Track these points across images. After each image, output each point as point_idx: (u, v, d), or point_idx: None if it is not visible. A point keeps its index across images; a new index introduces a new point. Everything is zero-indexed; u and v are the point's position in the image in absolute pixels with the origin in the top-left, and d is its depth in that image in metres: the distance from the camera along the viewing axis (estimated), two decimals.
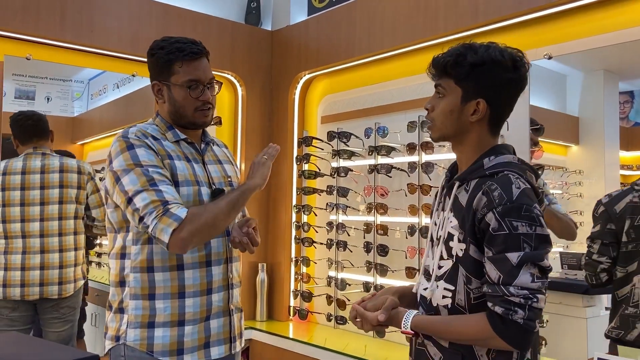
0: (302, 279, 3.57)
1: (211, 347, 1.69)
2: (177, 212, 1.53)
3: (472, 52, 1.34)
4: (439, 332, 1.35)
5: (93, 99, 3.83)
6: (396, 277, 3.04)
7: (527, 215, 1.24)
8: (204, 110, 1.72)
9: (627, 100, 2.69)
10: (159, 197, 1.55)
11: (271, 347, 3.33)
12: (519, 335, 1.24)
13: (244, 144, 3.73)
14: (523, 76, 1.36)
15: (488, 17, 2.60)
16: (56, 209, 2.76)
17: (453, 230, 1.36)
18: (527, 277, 1.23)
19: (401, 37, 3.00)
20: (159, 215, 1.52)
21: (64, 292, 2.75)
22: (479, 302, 1.31)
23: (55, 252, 2.75)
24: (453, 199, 1.39)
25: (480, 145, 1.39)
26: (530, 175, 1.37)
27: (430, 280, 1.41)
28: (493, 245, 1.26)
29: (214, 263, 1.70)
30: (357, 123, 3.34)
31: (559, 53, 2.47)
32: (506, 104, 1.38)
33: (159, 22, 3.33)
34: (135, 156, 1.59)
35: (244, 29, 3.75)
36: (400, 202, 3.04)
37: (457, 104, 1.37)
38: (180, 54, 1.68)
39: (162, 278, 1.63)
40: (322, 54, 3.47)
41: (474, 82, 1.34)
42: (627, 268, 2.11)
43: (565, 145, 2.82)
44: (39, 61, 3.12)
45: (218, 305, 1.71)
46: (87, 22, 3.08)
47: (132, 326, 1.62)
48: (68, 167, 2.83)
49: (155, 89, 1.73)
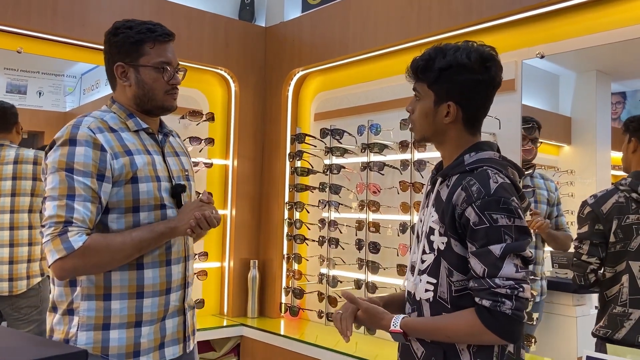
0: (294, 276, 3.57)
1: (166, 347, 1.64)
2: (72, 239, 1.45)
3: (440, 56, 1.38)
4: (429, 332, 1.36)
5: (85, 94, 3.80)
6: (388, 275, 3.04)
7: (505, 208, 1.27)
8: (172, 94, 1.68)
9: (619, 101, 2.70)
10: (66, 214, 1.46)
11: (262, 343, 3.33)
12: (509, 327, 1.25)
13: (236, 140, 3.72)
14: (493, 76, 1.38)
15: (481, 15, 2.60)
16: (8, 202, 2.64)
17: (434, 224, 1.39)
18: (511, 267, 1.25)
19: (395, 35, 3.00)
20: (54, 235, 1.45)
21: (14, 289, 2.62)
22: (460, 295, 1.33)
23: (5, 246, 2.62)
24: (435, 194, 1.42)
25: (460, 144, 1.42)
26: (513, 172, 1.40)
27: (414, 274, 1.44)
28: (475, 240, 1.28)
29: (173, 262, 1.65)
30: (350, 120, 3.34)
31: (552, 52, 2.48)
32: (479, 105, 1.40)
33: (152, 16, 3.26)
34: (72, 155, 1.50)
35: (237, 25, 3.74)
36: (392, 200, 3.04)
37: (430, 107, 1.41)
38: (152, 34, 1.64)
39: (119, 277, 1.55)
40: (316, 51, 3.46)
41: (443, 86, 1.38)
42: (616, 268, 2.12)
43: (558, 145, 2.83)
44: (31, 55, 3.10)
45: (174, 305, 1.66)
46: (78, 15, 3.06)
47: (84, 328, 1.54)
48: (23, 158, 2.70)
49: (118, 70, 1.64)
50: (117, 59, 1.65)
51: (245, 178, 3.72)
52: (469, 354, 1.32)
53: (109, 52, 1.67)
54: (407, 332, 1.38)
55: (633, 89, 2.96)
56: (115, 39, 1.65)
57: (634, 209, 2.10)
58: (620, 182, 2.18)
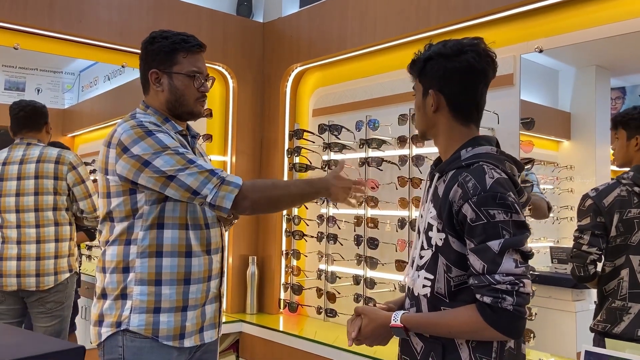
0: (293, 272, 3.57)
1: (205, 331, 1.75)
2: (233, 179, 1.61)
3: (427, 50, 1.42)
4: (430, 327, 1.35)
5: (84, 91, 3.79)
6: (386, 270, 3.03)
7: (502, 203, 1.26)
8: (202, 101, 1.80)
9: (618, 97, 2.69)
10: (206, 168, 1.60)
11: (261, 339, 3.32)
12: (511, 323, 1.24)
13: (234, 136, 3.71)
14: (472, 63, 1.36)
15: (480, 10, 2.59)
16: (32, 200, 2.68)
17: (432, 220, 1.38)
18: (510, 263, 1.24)
19: (393, 30, 2.99)
20: (217, 185, 1.59)
21: (41, 285, 2.67)
22: (459, 290, 1.33)
23: (32, 243, 2.68)
24: (433, 190, 1.42)
25: (452, 136, 1.42)
26: (511, 167, 1.39)
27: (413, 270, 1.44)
28: (473, 236, 1.28)
29: (213, 252, 1.76)
30: (348, 116, 3.33)
31: (551, 46, 2.47)
32: (460, 91, 1.40)
33: (150, 12, 3.30)
34: (160, 141, 1.62)
35: (235, 21, 3.73)
36: (390, 195, 3.04)
37: (420, 99, 1.45)
38: (186, 44, 1.74)
39: (169, 264, 1.66)
40: (314, 47, 3.45)
41: (426, 76, 1.42)
42: (615, 262, 2.12)
43: (557, 141, 2.83)
44: (29, 52, 3.09)
45: (213, 292, 1.77)
46: (75, 11, 3.04)
47: (137, 311, 1.64)
48: (46, 157, 2.73)
49: (153, 77, 1.75)
50: (152, 66, 1.75)
51: (243, 174, 3.71)
52: (468, 348, 1.31)
53: (144, 59, 1.78)
54: (408, 327, 1.38)
55: (633, 84, 2.95)
56: (151, 47, 1.75)
57: (636, 202, 2.09)
58: (622, 176, 2.17)
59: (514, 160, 1.42)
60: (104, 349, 1.66)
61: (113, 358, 1.64)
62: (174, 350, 1.65)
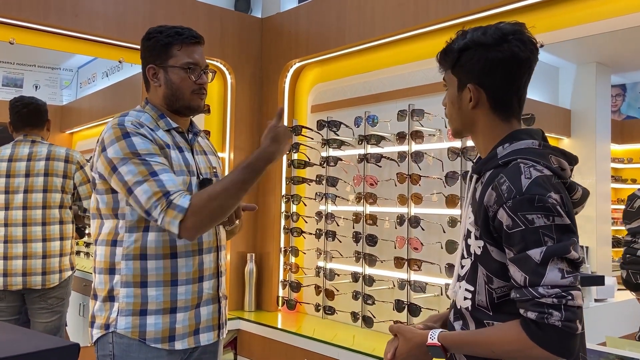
0: (291, 269, 3.55)
1: (200, 333, 1.71)
2: (180, 202, 1.54)
3: (461, 38, 1.29)
4: (471, 346, 1.23)
5: (82, 87, 3.77)
6: (385, 268, 3.02)
7: (541, 206, 1.13)
8: (199, 94, 1.75)
9: (619, 94, 2.69)
10: (160, 187, 1.55)
11: (259, 337, 3.31)
12: (560, 341, 1.10)
13: (232, 132, 3.69)
14: (516, 52, 1.25)
15: (479, 4, 2.57)
16: (40, 197, 2.70)
17: (470, 226, 1.27)
18: (555, 273, 1.10)
19: (392, 25, 2.96)
20: (164, 209, 1.54)
21: (47, 283, 2.69)
22: (503, 301, 1.21)
23: (38, 241, 2.69)
24: (472, 193, 1.31)
25: (493, 132, 1.29)
26: (558, 160, 1.25)
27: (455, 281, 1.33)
28: (512, 245, 1.15)
29: (204, 251, 1.73)
30: (347, 112, 3.31)
31: (551, 41, 2.45)
32: (503, 85, 1.27)
33: (146, 7, 3.28)
34: (132, 145, 1.59)
35: (233, 16, 3.70)
36: (389, 192, 3.02)
37: (455, 93, 1.32)
38: (180, 37, 1.72)
39: (154, 266, 1.63)
40: (313, 42, 3.43)
41: (463, 68, 1.29)
42: None
43: (557, 138, 2.81)
44: (27, 48, 3.07)
45: (208, 293, 1.75)
46: (70, 5, 3.02)
47: (123, 314, 1.62)
48: (55, 155, 2.76)
49: (150, 72, 1.74)
50: (149, 61, 1.74)
51: None
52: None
53: (142, 56, 1.78)
54: (446, 346, 1.25)
55: (633, 81, 2.94)
56: (147, 43, 1.75)
57: None
58: None
59: (562, 153, 1.27)
60: (97, 346, 1.68)
61: (105, 354, 1.65)
62: (163, 352, 1.63)
